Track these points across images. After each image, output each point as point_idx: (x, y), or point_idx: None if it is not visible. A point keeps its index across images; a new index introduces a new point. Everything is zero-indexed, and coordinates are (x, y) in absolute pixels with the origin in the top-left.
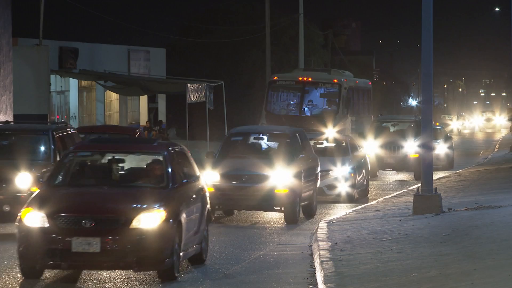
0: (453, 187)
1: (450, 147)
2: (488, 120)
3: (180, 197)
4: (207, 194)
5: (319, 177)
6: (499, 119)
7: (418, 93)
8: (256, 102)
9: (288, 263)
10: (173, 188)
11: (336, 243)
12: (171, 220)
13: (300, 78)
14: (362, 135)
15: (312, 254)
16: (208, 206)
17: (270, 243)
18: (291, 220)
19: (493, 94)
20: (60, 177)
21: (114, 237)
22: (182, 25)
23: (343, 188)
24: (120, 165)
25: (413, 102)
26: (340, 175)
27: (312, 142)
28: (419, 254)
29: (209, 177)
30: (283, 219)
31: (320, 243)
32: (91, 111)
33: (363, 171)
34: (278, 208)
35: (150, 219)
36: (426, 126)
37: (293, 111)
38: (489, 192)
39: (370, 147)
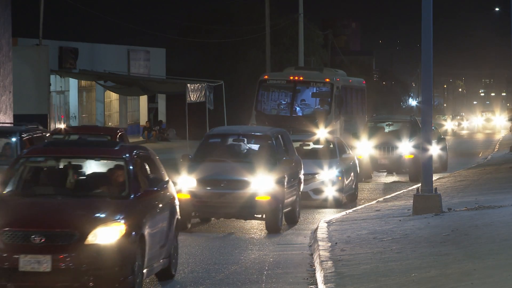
0: (453, 187)
1: (443, 149)
2: (488, 120)
3: (144, 207)
4: (177, 202)
5: (302, 181)
6: (499, 120)
7: (418, 93)
8: None
9: (288, 263)
10: (135, 197)
11: (336, 243)
12: (132, 233)
13: (291, 77)
14: (356, 135)
15: (312, 254)
16: (178, 215)
17: (270, 243)
18: (273, 229)
19: (493, 94)
20: (10, 185)
21: (67, 255)
22: (182, 25)
23: (330, 192)
24: (80, 171)
25: (413, 102)
26: (327, 179)
27: (298, 144)
28: (419, 254)
29: (184, 183)
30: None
31: (320, 243)
32: (91, 111)
33: (352, 174)
34: (259, 216)
35: (108, 234)
36: (426, 126)
37: (284, 111)
38: (489, 192)
39: (364, 148)
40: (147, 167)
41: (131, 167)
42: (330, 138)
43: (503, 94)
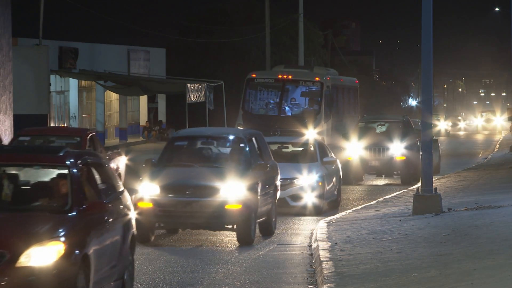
0: (453, 187)
1: (435, 150)
2: (488, 121)
3: (90, 222)
4: (133, 215)
5: (279, 187)
6: (500, 120)
7: (418, 93)
8: None
9: (288, 263)
10: (80, 211)
11: (336, 243)
12: (73, 253)
13: (280, 76)
14: (346, 136)
15: (312, 254)
16: (134, 230)
17: (270, 243)
18: (245, 241)
19: (493, 94)
20: None
21: None
22: (182, 25)
23: (309, 199)
24: (20, 181)
25: (413, 102)
26: (307, 184)
27: (276, 146)
28: (419, 254)
29: (146, 190)
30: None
31: (320, 243)
32: (91, 111)
33: (334, 179)
34: (230, 227)
35: (43, 254)
36: (426, 126)
37: (272, 110)
38: (489, 192)
39: (354, 149)
40: (97, 176)
41: (75, 176)
42: (310, 140)
43: (503, 94)
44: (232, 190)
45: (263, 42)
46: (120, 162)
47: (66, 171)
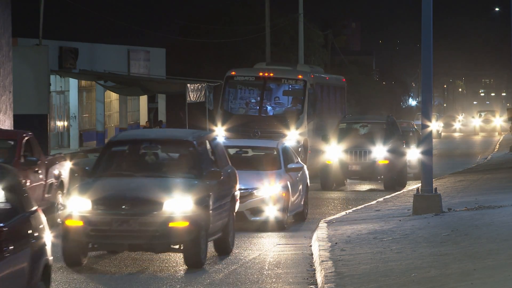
0: (453, 187)
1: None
2: (487, 121)
3: None
4: (47, 240)
5: (237, 199)
6: (499, 121)
7: (418, 93)
8: None
9: (288, 263)
10: None
11: (336, 243)
12: None
13: (261, 74)
14: (325, 138)
15: (312, 254)
16: (48, 257)
17: (270, 243)
18: (194, 263)
19: (493, 94)
20: None
21: None
22: (182, 25)
23: (271, 212)
24: None
25: (413, 102)
26: (268, 196)
27: (234, 150)
28: (419, 254)
29: (76, 205)
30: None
31: (320, 243)
32: (91, 111)
33: (300, 188)
34: (176, 247)
35: None
36: (426, 127)
37: (252, 110)
38: (489, 192)
39: (334, 152)
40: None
41: None
42: (273, 143)
43: (503, 94)
44: (178, 204)
45: (263, 42)
46: (63, 168)
47: None
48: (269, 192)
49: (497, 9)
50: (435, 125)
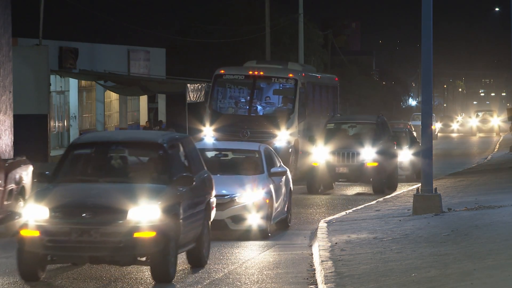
0: (453, 187)
1: (417, 154)
2: (484, 121)
3: None
4: None
5: (213, 206)
6: (497, 121)
7: (418, 93)
8: None
9: (288, 263)
10: None
11: (336, 243)
12: None
13: (251, 72)
14: (312, 139)
15: (312, 254)
16: None
17: (270, 243)
18: (162, 277)
19: (493, 94)
20: None
21: None
22: (182, 25)
23: (254, 220)
24: None
25: (413, 102)
26: (251, 202)
27: (213, 153)
28: (419, 254)
29: (32, 214)
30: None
31: (320, 243)
32: (91, 111)
33: (283, 193)
34: (143, 260)
35: None
36: (426, 127)
37: (242, 110)
38: (489, 192)
39: (321, 153)
40: None
41: None
42: (254, 146)
43: (503, 94)
44: (144, 213)
45: (263, 42)
46: (25, 173)
47: None
48: (251, 199)
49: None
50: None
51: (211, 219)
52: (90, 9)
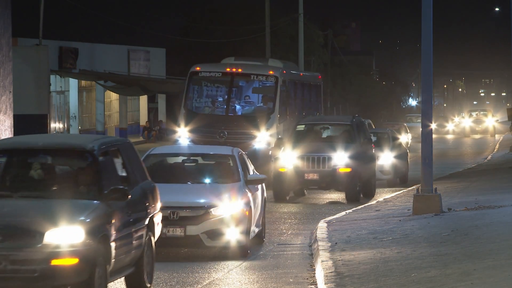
0: (453, 187)
1: (400, 157)
2: (478, 122)
3: None
4: None
5: (158, 221)
6: (491, 121)
7: (418, 93)
8: None
9: (288, 263)
10: None
11: (336, 243)
12: None
13: (228, 69)
14: (279, 142)
15: (312, 254)
16: None
17: (270, 243)
18: None
19: (493, 94)
20: None
21: None
22: (182, 25)
23: (232, 235)
24: None
25: (413, 102)
26: (229, 214)
27: (180, 159)
28: (419, 254)
29: None
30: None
31: (320, 243)
32: (91, 111)
33: (259, 203)
34: None
35: None
36: (426, 127)
37: (219, 109)
38: (489, 192)
39: (289, 158)
40: None
41: None
42: (227, 150)
43: (503, 94)
44: (64, 235)
45: (263, 42)
46: None
47: None
48: (229, 211)
49: (497, 9)
50: (418, 126)
51: (156, 238)
52: (90, 9)
